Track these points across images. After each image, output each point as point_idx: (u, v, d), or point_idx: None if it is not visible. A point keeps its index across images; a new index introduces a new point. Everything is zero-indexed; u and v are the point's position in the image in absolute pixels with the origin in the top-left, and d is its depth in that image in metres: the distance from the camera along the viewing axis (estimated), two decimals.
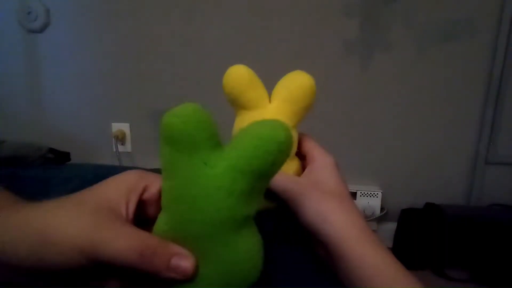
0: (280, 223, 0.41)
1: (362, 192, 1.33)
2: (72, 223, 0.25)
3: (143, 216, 0.30)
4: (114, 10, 1.32)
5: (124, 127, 1.42)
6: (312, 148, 0.40)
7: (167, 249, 0.26)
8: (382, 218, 1.37)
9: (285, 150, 0.24)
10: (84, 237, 0.25)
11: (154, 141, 1.42)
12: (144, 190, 0.30)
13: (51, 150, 0.46)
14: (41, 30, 1.34)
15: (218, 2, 1.28)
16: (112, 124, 1.42)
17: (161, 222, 0.28)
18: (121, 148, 1.41)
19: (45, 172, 0.42)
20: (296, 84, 0.41)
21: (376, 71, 1.29)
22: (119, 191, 0.28)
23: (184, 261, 0.25)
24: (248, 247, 0.27)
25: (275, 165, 0.25)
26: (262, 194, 0.27)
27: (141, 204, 0.30)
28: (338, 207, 0.35)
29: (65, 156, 0.49)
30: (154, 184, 0.30)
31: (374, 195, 1.34)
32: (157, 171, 0.35)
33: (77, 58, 1.37)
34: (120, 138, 1.41)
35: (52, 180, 0.41)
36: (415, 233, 1.30)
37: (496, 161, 1.32)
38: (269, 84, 0.46)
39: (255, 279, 0.28)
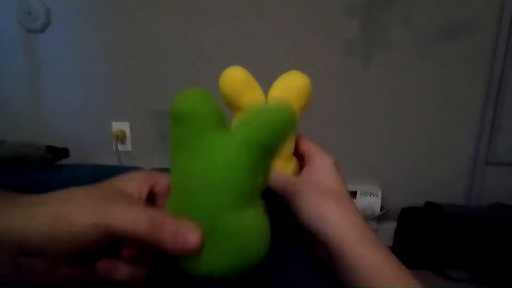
0: (280, 223, 0.41)
1: (362, 191, 1.34)
2: (86, 200, 0.27)
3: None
4: (114, 10, 1.32)
5: (124, 126, 1.42)
6: (311, 148, 0.40)
7: (175, 222, 0.27)
8: (382, 217, 1.37)
9: (288, 125, 0.26)
10: (97, 210, 0.26)
11: (154, 140, 1.42)
12: (155, 184, 0.32)
13: (49, 148, 0.45)
14: (42, 30, 1.34)
15: (218, 1, 1.28)
16: (112, 123, 1.42)
17: (170, 202, 0.29)
18: (121, 147, 1.41)
19: (45, 174, 0.42)
20: (292, 84, 0.42)
21: (376, 71, 1.29)
22: (132, 182, 0.31)
23: (191, 234, 0.26)
24: (254, 223, 0.28)
25: (279, 139, 0.26)
26: (269, 170, 0.28)
27: (152, 196, 0.32)
28: (338, 207, 0.35)
29: (64, 152, 0.48)
30: (163, 180, 0.32)
31: (374, 194, 1.34)
32: (159, 170, 0.36)
33: (77, 58, 1.38)
34: (120, 137, 1.41)
35: (53, 182, 0.41)
36: (415, 232, 1.30)
37: (496, 161, 1.32)
38: (270, 84, 0.46)
39: (261, 256, 0.28)
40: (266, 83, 0.46)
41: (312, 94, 0.43)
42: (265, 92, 0.47)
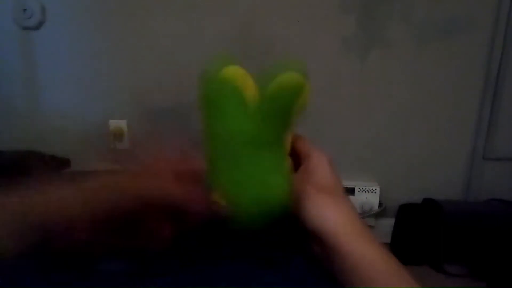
0: (278, 222, 0.41)
1: (361, 188, 1.34)
2: (131, 173, 0.33)
3: None
4: (111, 7, 1.31)
5: (122, 124, 1.41)
6: (306, 147, 0.41)
7: (205, 196, 0.33)
8: (380, 213, 1.38)
9: (299, 91, 0.33)
10: (141, 181, 0.32)
11: (151, 137, 1.41)
12: (188, 164, 0.38)
13: (52, 157, 0.45)
14: (37, 27, 1.33)
15: (215, 0, 1.27)
16: (110, 121, 1.41)
17: (206, 161, 0.36)
18: (118, 145, 1.41)
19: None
20: (288, 85, 0.42)
21: (374, 68, 1.28)
22: (169, 161, 0.37)
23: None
24: (270, 165, 0.34)
25: (292, 101, 0.34)
26: (285, 128, 0.35)
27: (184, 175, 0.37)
28: (334, 204, 0.35)
29: (66, 162, 0.48)
30: (195, 162, 0.38)
31: (372, 190, 1.34)
32: None
33: (73, 55, 1.37)
34: (118, 135, 1.40)
35: None
36: (413, 228, 1.31)
37: (493, 157, 1.32)
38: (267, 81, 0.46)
39: (281, 198, 0.34)
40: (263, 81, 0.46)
41: (309, 95, 0.43)
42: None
